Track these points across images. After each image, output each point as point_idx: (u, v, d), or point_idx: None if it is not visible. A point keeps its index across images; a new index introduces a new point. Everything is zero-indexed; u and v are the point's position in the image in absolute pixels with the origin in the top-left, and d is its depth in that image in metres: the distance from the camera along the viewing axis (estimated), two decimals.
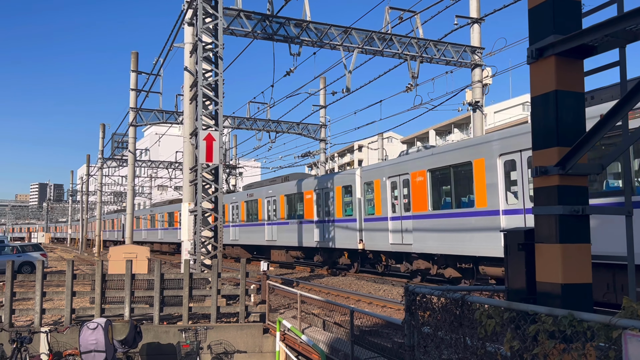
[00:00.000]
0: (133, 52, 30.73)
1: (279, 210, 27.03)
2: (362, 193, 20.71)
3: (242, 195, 31.95)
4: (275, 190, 27.61)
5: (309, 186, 24.52)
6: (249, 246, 31.83)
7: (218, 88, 15.56)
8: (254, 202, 30.05)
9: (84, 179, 53.42)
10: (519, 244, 4.54)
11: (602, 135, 4.02)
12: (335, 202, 22.39)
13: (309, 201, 24.31)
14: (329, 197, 22.90)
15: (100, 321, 9.72)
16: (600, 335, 3.12)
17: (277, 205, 27.28)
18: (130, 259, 13.21)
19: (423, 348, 4.93)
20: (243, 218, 31.43)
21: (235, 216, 32.65)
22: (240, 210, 31.84)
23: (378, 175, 19.69)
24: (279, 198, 27.05)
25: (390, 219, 18.77)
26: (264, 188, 29.14)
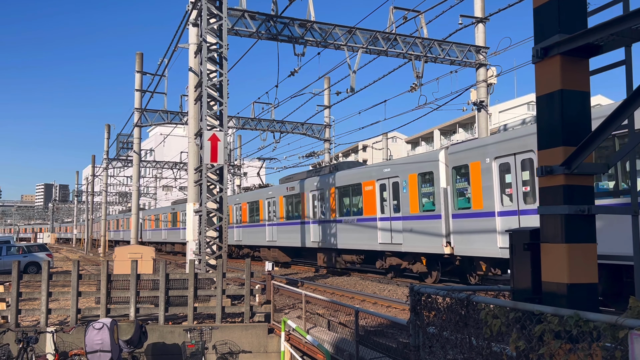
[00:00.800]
0: (138, 53, 30.82)
1: (328, 206, 22.66)
2: (450, 181, 16.22)
3: (279, 190, 27.52)
4: (323, 182, 23.21)
5: (370, 175, 20.01)
6: (289, 248, 27.41)
7: (223, 88, 15.58)
8: (296, 197, 25.61)
9: (89, 180, 53.57)
10: (525, 244, 4.53)
11: (608, 135, 4.00)
12: (408, 194, 17.88)
13: (369, 194, 19.83)
14: (399, 187, 18.35)
15: (105, 321, 9.76)
16: (607, 335, 3.10)
17: (326, 199, 22.93)
18: (136, 259, 13.25)
19: (428, 348, 4.93)
20: (282, 216, 27.00)
21: (271, 214, 28.11)
22: (279, 207, 27.33)
23: (477, 156, 15.20)
24: (328, 191, 22.72)
25: (498, 215, 14.35)
26: (309, 180, 24.74)
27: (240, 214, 32.04)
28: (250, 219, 30.43)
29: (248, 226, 30.80)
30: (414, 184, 17.65)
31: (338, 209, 22.00)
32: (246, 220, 31.10)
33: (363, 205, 20.19)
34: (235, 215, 32.59)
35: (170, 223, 45.63)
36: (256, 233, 29.56)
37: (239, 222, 32.10)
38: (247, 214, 31.06)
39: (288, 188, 26.36)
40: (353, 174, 21.31)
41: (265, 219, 28.70)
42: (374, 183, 19.72)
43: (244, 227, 31.45)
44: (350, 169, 22.26)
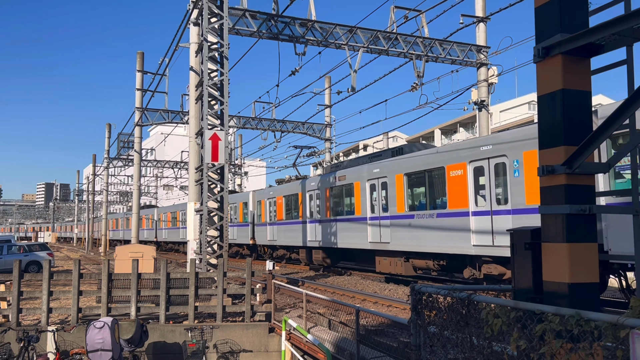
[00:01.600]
0: (139, 52, 30.82)
1: (392, 198, 18.09)
2: None
3: (325, 180, 22.94)
4: (385, 169, 18.67)
5: (458, 157, 15.39)
6: (336, 250, 22.67)
7: (223, 88, 15.59)
8: (347, 188, 21.14)
9: (90, 179, 53.60)
10: (526, 243, 4.53)
11: (610, 134, 4.00)
12: (523, 179, 13.21)
13: (455, 181, 15.29)
14: (504, 171, 13.78)
15: (106, 320, 9.76)
16: (608, 335, 3.10)
17: (388, 189, 18.33)
18: (137, 258, 13.26)
19: (429, 347, 4.93)
20: (328, 211, 22.64)
21: (314, 209, 23.82)
22: (324, 200, 22.80)
23: None
24: (392, 179, 18.12)
25: None
26: (365, 167, 20.06)
27: (275, 210, 27.97)
28: (288, 216, 26.52)
29: (285, 224, 26.79)
30: (530, 162, 12.96)
31: (408, 201, 17.52)
32: (282, 217, 27.02)
33: (447, 195, 15.62)
34: (269, 211, 28.69)
35: None
36: (295, 232, 25.62)
37: (272, 219, 28.21)
38: (284, 210, 26.95)
39: (337, 177, 21.90)
40: (432, 154, 16.75)
41: (307, 215, 24.34)
42: (464, 166, 15.10)
43: (279, 224, 27.41)
44: (426, 150, 17.65)
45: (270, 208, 28.66)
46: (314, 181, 24.12)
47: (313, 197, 24.05)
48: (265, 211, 28.97)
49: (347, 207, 21.37)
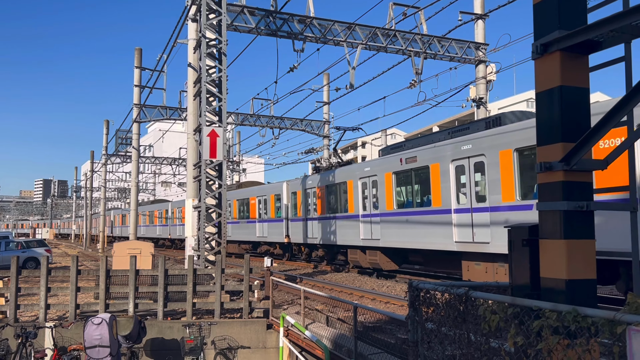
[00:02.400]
0: (137, 49, 30.75)
1: (495, 184, 13.45)
2: None
3: (385, 163, 18.20)
4: (481, 143, 13.94)
5: None
6: (400, 251, 18.18)
7: (222, 84, 15.57)
8: (419, 172, 16.45)
9: (88, 175, 53.54)
10: (523, 240, 4.54)
11: (607, 131, 4.01)
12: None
13: None
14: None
15: (104, 316, 9.77)
16: (605, 331, 3.11)
17: (488, 172, 13.68)
18: (135, 255, 13.26)
19: (427, 344, 4.94)
20: (389, 204, 17.88)
21: (370, 201, 19.15)
22: (384, 189, 18.18)
23: None
24: (494, 156, 13.46)
25: None
26: (444, 144, 15.42)
27: (315, 202, 23.54)
28: (331, 209, 22.11)
29: (328, 218, 22.24)
30: None
31: (521, 188, 12.91)
32: (323, 211, 22.67)
33: None
34: (308, 203, 24.35)
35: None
36: (342, 228, 21.09)
37: (312, 212, 23.81)
38: (325, 202, 22.57)
39: (404, 160, 17.16)
40: None
41: (359, 208, 19.88)
42: None
43: (321, 219, 22.83)
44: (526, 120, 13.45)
45: (309, 200, 24.34)
46: (368, 166, 19.60)
47: (368, 184, 19.40)
48: (303, 204, 24.77)
49: (421, 197, 16.27)
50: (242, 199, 31.59)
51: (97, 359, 9.48)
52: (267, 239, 28.41)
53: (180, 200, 42.85)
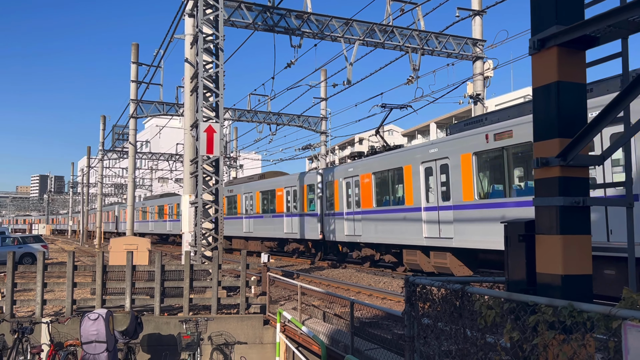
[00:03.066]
0: (133, 44, 30.67)
1: None
2: None
3: (462, 143, 14.80)
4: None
5: None
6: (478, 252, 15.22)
7: (219, 80, 15.54)
8: (519, 152, 13.20)
9: (84, 171, 53.44)
10: (520, 235, 4.54)
11: (604, 127, 4.01)
12: None
13: None
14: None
15: (101, 312, 9.76)
16: (600, 326, 3.12)
17: None
18: (131, 251, 13.24)
19: (423, 339, 4.94)
20: (469, 190, 14.53)
21: (437, 190, 15.95)
22: (459, 174, 14.82)
23: None
24: None
25: None
26: None
27: (358, 193, 20.00)
28: (380, 201, 18.97)
29: (376, 212, 18.80)
30: None
31: None
32: (369, 204, 19.18)
33: None
34: (349, 194, 20.73)
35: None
36: (396, 224, 17.75)
37: (354, 205, 20.23)
38: (374, 192, 19.00)
39: (491, 136, 13.55)
40: None
41: (420, 200, 16.53)
42: None
43: (366, 214, 19.36)
44: None
45: (351, 190, 20.60)
46: (435, 147, 16.02)
47: (434, 170, 15.94)
48: (342, 196, 21.11)
49: (520, 184, 13.28)
50: (266, 190, 28.14)
51: (93, 354, 9.47)
52: (297, 235, 25.15)
53: None
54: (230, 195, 32.52)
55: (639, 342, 2.83)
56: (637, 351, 2.84)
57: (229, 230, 31.22)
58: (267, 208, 28.20)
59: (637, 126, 4.07)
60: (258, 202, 29.10)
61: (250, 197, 30.16)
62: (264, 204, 28.56)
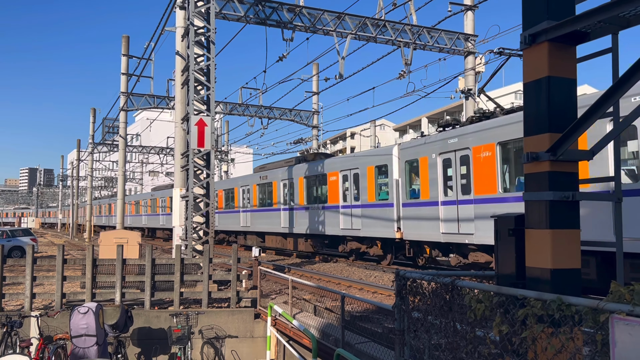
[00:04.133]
0: (124, 36, 30.42)
1: None
2: None
3: None
4: None
5: None
6: None
7: (210, 73, 15.45)
8: None
9: (74, 164, 53.06)
10: (509, 230, 4.57)
11: (594, 122, 4.04)
12: None
13: None
14: None
15: (91, 305, 9.72)
16: (588, 319, 3.15)
17: None
18: (121, 244, 13.19)
19: (413, 332, 4.97)
20: None
21: None
22: None
23: None
24: None
25: None
26: None
27: (467, 173, 14.70)
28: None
29: (501, 200, 13.53)
30: None
31: None
32: (493, 187, 13.68)
33: None
34: (448, 176, 15.51)
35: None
36: None
37: (458, 192, 15.01)
38: (499, 171, 13.56)
39: None
40: None
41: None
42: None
43: (484, 202, 14.05)
44: None
45: (448, 172, 15.59)
46: None
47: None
48: (434, 178, 15.97)
49: None
50: (314, 175, 22.28)
51: (83, 348, 9.44)
52: (360, 232, 19.40)
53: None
54: (263, 183, 26.80)
55: (626, 335, 2.86)
56: (624, 344, 2.87)
57: (261, 224, 26.52)
58: (315, 198, 22.57)
59: (626, 122, 4.10)
60: (301, 190, 23.28)
61: (289, 185, 24.63)
62: (310, 192, 22.88)
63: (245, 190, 29.28)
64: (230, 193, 31.55)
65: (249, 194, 28.58)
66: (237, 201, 30.48)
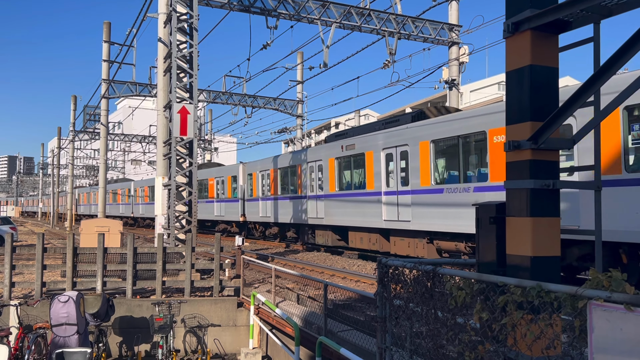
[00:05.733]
0: (105, 22, 29.92)
1: None
2: None
3: None
4: None
5: None
6: None
7: (193, 60, 15.29)
8: None
9: (55, 152, 52.27)
10: (490, 218, 4.59)
11: (574, 111, 4.06)
12: None
13: None
14: None
15: (71, 294, 9.62)
16: (567, 306, 3.18)
17: None
18: (102, 233, 13.06)
19: (395, 320, 4.99)
20: None
21: None
22: None
23: None
24: None
25: None
26: None
27: None
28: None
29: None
30: None
31: None
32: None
33: None
34: None
35: None
36: None
37: None
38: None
39: None
40: None
41: None
42: None
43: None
44: None
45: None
46: None
47: None
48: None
49: None
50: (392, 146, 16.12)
51: (64, 336, 9.35)
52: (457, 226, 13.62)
53: (230, 166, 30.51)
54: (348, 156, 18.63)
55: (603, 321, 2.90)
56: (601, 330, 2.91)
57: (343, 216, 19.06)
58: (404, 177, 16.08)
59: (606, 110, 4.12)
60: (426, 163, 14.91)
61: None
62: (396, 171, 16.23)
63: (315, 168, 20.86)
64: (289, 172, 23.11)
65: (322, 173, 20.23)
66: (301, 183, 21.87)
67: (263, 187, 25.67)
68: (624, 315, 2.77)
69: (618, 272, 3.03)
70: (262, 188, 25.71)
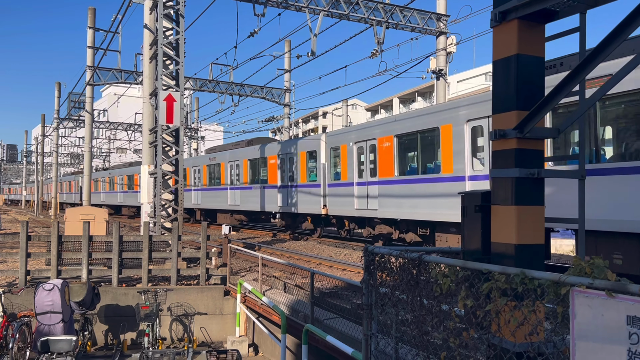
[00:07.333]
0: (90, 8, 29.48)
1: None
2: None
3: None
4: None
5: None
6: None
7: (179, 47, 15.15)
8: None
9: (39, 140, 51.63)
10: (476, 206, 4.63)
11: (560, 100, 4.09)
12: None
13: None
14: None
15: (56, 282, 9.57)
16: (550, 293, 3.22)
17: None
18: (88, 221, 12.96)
19: (381, 307, 5.03)
20: None
21: None
22: None
23: None
24: None
25: None
26: None
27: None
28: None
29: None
30: None
31: None
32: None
33: None
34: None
35: None
36: None
37: None
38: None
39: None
40: None
41: None
42: None
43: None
44: None
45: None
46: None
47: None
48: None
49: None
50: None
51: (48, 325, 9.31)
52: None
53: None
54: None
55: (585, 308, 2.94)
56: (583, 316, 2.95)
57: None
58: None
59: (592, 99, 4.16)
60: None
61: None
62: None
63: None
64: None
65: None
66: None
67: None
68: (606, 301, 2.81)
69: (600, 259, 3.08)
70: None
